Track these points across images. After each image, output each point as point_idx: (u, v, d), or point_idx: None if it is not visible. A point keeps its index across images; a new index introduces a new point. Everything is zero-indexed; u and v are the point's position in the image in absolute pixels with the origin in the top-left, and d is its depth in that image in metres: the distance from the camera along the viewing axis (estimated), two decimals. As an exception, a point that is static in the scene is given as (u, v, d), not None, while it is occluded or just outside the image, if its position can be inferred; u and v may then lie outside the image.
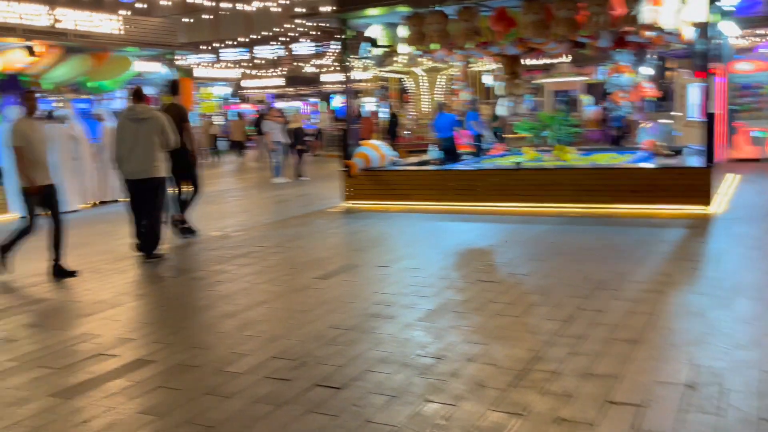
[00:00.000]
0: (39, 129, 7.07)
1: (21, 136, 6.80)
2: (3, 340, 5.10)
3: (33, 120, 7.05)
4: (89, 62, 13.22)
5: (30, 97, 7.12)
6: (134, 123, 7.60)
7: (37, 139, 6.92)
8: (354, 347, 4.59)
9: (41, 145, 6.98)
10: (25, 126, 6.89)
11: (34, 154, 6.88)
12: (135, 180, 7.63)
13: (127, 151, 7.57)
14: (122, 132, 7.67)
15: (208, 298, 6.14)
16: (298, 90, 38.75)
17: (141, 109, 7.70)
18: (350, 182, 11.33)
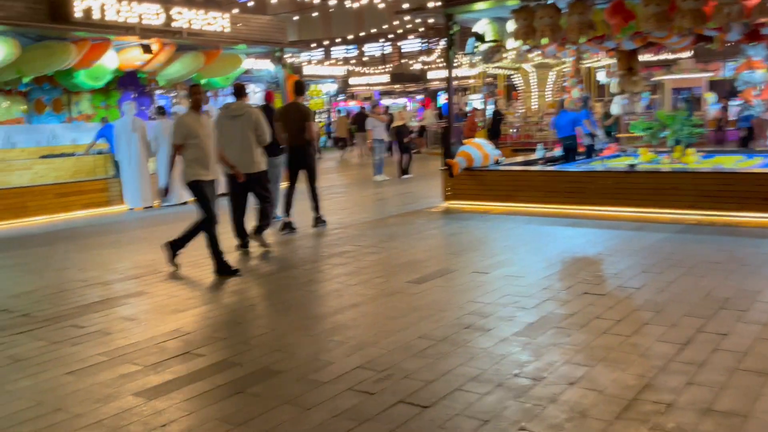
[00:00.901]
0: (205, 123, 6.94)
1: (185, 132, 6.71)
2: (99, 332, 5.17)
3: (198, 114, 6.90)
4: (201, 60, 13.60)
5: (196, 91, 6.98)
6: (230, 120, 7.77)
7: (203, 133, 6.81)
8: (444, 361, 4.29)
9: (207, 140, 6.85)
10: (191, 120, 6.78)
11: (201, 148, 6.76)
12: (233, 175, 7.78)
13: (223, 147, 7.69)
14: (220, 128, 7.79)
15: (299, 298, 6.02)
16: (405, 87, 38.68)
17: (236, 106, 7.84)
18: (451, 182, 11.01)
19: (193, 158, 6.77)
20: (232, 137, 7.70)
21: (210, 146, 6.88)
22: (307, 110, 9.31)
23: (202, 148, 6.78)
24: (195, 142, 6.73)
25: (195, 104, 6.91)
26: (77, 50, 11.24)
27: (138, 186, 11.95)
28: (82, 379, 4.24)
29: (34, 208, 10.95)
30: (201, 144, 6.76)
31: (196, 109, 6.91)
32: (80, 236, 9.59)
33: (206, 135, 6.85)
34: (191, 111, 6.91)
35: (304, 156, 9.09)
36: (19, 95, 13.05)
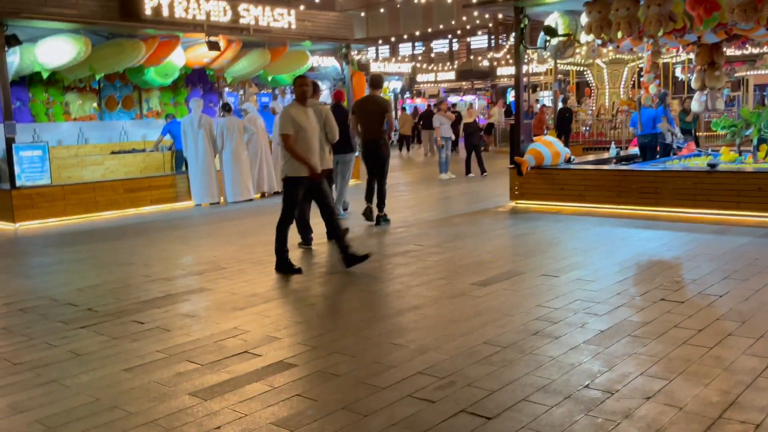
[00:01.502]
0: (311, 116, 6.74)
1: (291, 124, 6.49)
2: (159, 329, 5.14)
3: (304, 106, 6.69)
4: (267, 57, 13.66)
5: (302, 82, 6.69)
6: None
7: (308, 126, 6.59)
8: (510, 369, 4.04)
9: (313, 132, 6.64)
10: (297, 112, 6.57)
11: (306, 141, 6.54)
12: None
13: None
14: None
15: (360, 298, 5.87)
16: (473, 84, 38.20)
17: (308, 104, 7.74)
18: (519, 180, 10.66)
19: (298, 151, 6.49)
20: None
21: (315, 141, 6.64)
22: (386, 102, 9.32)
23: (306, 141, 6.51)
24: (300, 136, 6.47)
25: (301, 96, 6.64)
26: (146, 48, 11.44)
27: (204, 182, 12.08)
28: (139, 377, 4.19)
29: (105, 202, 11.20)
30: (306, 137, 6.49)
31: (302, 101, 6.65)
32: (147, 231, 9.74)
33: (311, 128, 6.61)
34: (297, 103, 6.65)
35: (379, 150, 9.09)
36: (92, 92, 13.42)
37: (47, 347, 4.80)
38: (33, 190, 10.43)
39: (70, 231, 9.95)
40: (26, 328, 5.26)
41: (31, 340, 4.98)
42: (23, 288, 6.63)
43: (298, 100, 6.67)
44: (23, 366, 4.44)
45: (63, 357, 4.59)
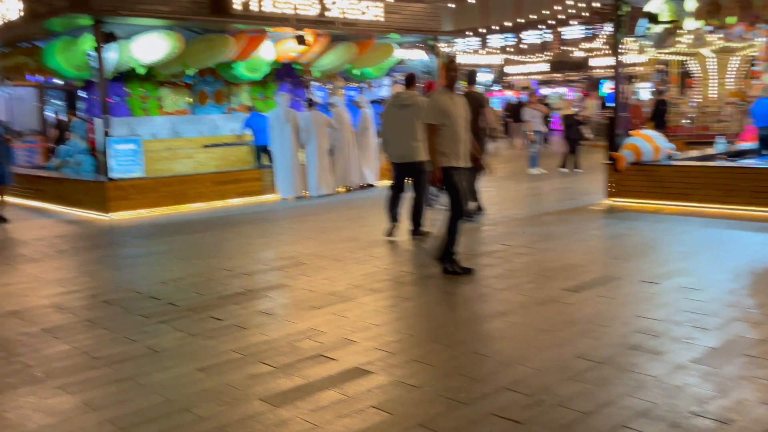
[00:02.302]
0: (459, 103, 6.22)
1: (438, 112, 6.04)
2: (236, 326, 5.03)
3: (453, 93, 6.22)
4: (354, 50, 13.53)
5: (451, 67, 6.24)
6: (398, 109, 7.85)
7: (457, 114, 6.10)
8: (606, 389, 3.65)
9: (461, 122, 6.15)
10: (445, 99, 6.09)
11: (453, 131, 6.07)
12: (398, 163, 7.95)
13: (390, 136, 7.93)
14: (387, 117, 7.98)
15: (442, 302, 5.58)
16: (566, 76, 36.92)
17: (406, 95, 7.89)
18: (616, 177, 10.02)
19: (444, 142, 6.03)
20: (399, 126, 7.78)
21: (463, 129, 6.14)
22: (482, 97, 9.26)
23: (454, 130, 6.05)
24: (448, 123, 6.01)
25: (449, 82, 6.16)
26: (236, 43, 11.53)
27: (290, 176, 12.09)
28: (212, 377, 4.07)
29: (194, 195, 11.38)
30: (454, 126, 6.04)
31: (451, 87, 6.18)
32: (232, 224, 9.79)
33: (460, 116, 6.11)
34: (445, 89, 6.18)
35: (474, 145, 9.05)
36: (185, 87, 13.69)
37: (126, 342, 4.78)
38: (126, 182, 10.72)
39: (159, 222, 10.15)
40: (108, 321, 5.28)
41: (112, 333, 4.98)
42: (110, 279, 6.73)
43: (448, 87, 6.18)
44: (101, 361, 4.42)
45: (140, 353, 4.55)
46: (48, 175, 12.57)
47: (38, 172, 13.25)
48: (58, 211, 11.66)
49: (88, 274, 7.12)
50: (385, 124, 8.02)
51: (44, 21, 10.45)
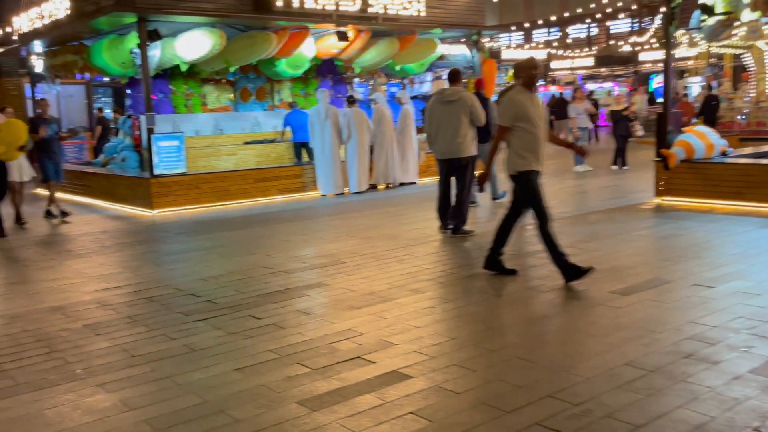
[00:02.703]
0: (539, 104, 5.84)
1: (515, 113, 5.66)
2: (274, 326, 4.98)
3: (532, 93, 5.81)
4: (396, 46, 13.39)
5: (531, 65, 5.83)
6: (443, 105, 7.78)
7: (536, 115, 5.72)
8: (658, 400, 3.46)
9: (541, 122, 5.78)
10: (524, 99, 5.70)
11: (533, 134, 5.69)
12: (444, 159, 7.89)
13: (434, 132, 7.87)
14: (431, 113, 7.91)
15: (484, 303, 5.42)
16: (612, 70, 36.10)
17: (450, 91, 7.82)
18: (666, 175, 9.69)
19: (523, 144, 5.67)
20: (445, 122, 7.72)
21: (543, 131, 5.79)
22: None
23: (534, 133, 5.68)
24: (526, 126, 5.66)
25: (528, 81, 5.76)
26: (278, 39, 11.52)
27: (330, 173, 12.04)
28: (248, 378, 4.01)
29: (236, 192, 11.43)
30: (533, 128, 5.68)
31: (530, 86, 5.76)
32: (273, 221, 9.79)
33: (540, 117, 5.75)
34: (522, 88, 5.75)
35: None
36: (228, 84, 13.78)
37: (165, 340, 4.76)
38: (170, 179, 10.82)
39: (201, 219, 10.21)
40: (148, 319, 5.28)
41: (152, 331, 4.98)
42: (152, 276, 6.76)
43: (526, 86, 5.76)
44: (140, 359, 4.41)
45: (179, 351, 4.52)
46: (95, 172, 12.79)
47: (86, 169, 13.50)
48: (104, 207, 11.84)
49: (130, 270, 7.17)
50: (429, 121, 7.98)
51: (91, 19, 10.59)
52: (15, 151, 9.20)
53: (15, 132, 9.13)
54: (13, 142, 9.08)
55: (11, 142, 9.04)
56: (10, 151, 9.13)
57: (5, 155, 9.13)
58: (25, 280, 6.80)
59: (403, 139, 13.01)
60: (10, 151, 9.12)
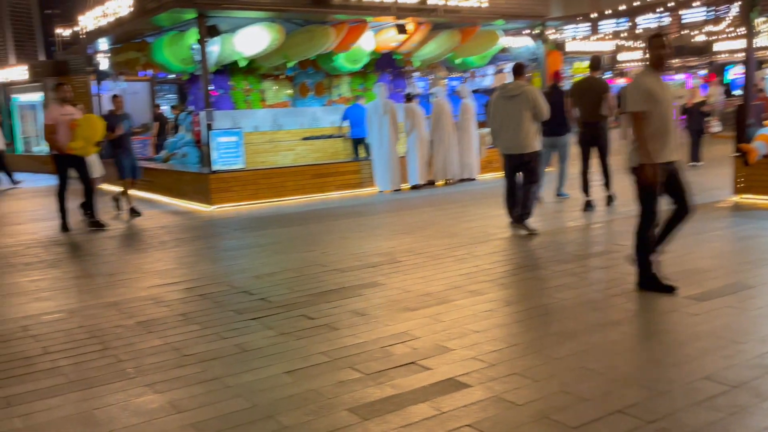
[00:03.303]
0: (667, 87, 5.26)
1: (646, 97, 5.04)
2: (327, 327, 4.82)
3: (659, 75, 5.21)
4: (457, 38, 13.10)
5: (658, 44, 5.15)
6: (505, 100, 7.65)
7: (666, 99, 5.12)
8: (743, 419, 3.14)
9: (671, 107, 5.19)
10: (652, 82, 5.10)
11: (663, 120, 5.08)
12: (508, 155, 7.76)
13: (498, 127, 7.76)
14: (494, 109, 7.79)
15: (548, 307, 5.12)
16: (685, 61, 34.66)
17: (513, 86, 7.68)
18: (745, 171, 9.10)
19: (652, 132, 5.05)
20: (508, 118, 7.59)
21: (671, 118, 5.15)
22: (604, 84, 9.21)
23: (664, 118, 5.08)
24: (656, 110, 5.04)
25: (656, 61, 5.15)
26: (336, 34, 11.41)
27: (388, 169, 11.87)
28: (299, 382, 3.86)
29: (293, 187, 11.39)
30: (663, 113, 5.07)
31: (658, 67, 5.17)
32: (329, 217, 9.67)
33: (669, 101, 5.15)
34: (650, 69, 5.19)
35: (597, 132, 9.03)
36: (287, 80, 13.76)
37: (217, 339, 4.67)
38: (228, 174, 10.85)
39: (258, 215, 10.19)
40: (201, 316, 5.21)
41: (204, 329, 4.90)
42: (207, 272, 6.72)
43: (654, 66, 5.17)
44: (191, 359, 4.32)
45: (230, 351, 4.41)
46: (156, 167, 12.98)
47: (148, 164, 13.72)
48: (165, 202, 12.00)
49: (186, 265, 7.16)
50: (493, 116, 7.85)
51: (152, 16, 10.71)
52: (92, 146, 9.20)
53: (92, 127, 9.09)
54: (90, 138, 9.07)
55: (88, 137, 9.04)
56: (87, 147, 9.12)
57: (82, 150, 9.14)
58: (86, 275, 6.86)
59: (463, 134, 12.73)
60: (88, 146, 9.11)
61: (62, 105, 9.26)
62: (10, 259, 7.71)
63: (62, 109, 9.22)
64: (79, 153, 9.16)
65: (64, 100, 9.31)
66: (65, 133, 9.08)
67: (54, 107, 9.30)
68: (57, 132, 9.05)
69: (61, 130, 9.07)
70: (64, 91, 9.37)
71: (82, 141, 9.00)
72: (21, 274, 6.96)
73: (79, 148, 9.06)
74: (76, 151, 9.07)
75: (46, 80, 19.56)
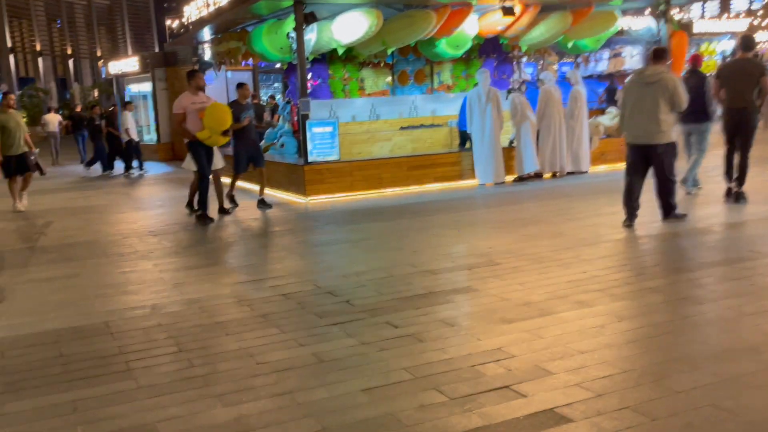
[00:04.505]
0: None
1: None
2: (412, 337, 4.38)
3: None
4: (568, 20, 12.20)
5: None
6: (641, 87, 7.21)
7: None
8: None
9: None
10: None
11: None
12: (636, 145, 7.27)
13: (628, 115, 7.35)
14: (626, 95, 7.43)
15: (667, 324, 4.43)
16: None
17: (650, 72, 7.22)
18: None
19: None
20: (640, 105, 7.15)
21: None
22: (760, 66, 8.37)
23: None
24: None
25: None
26: (438, 18, 10.85)
27: (490, 160, 11.25)
28: (376, 403, 3.45)
29: (389, 179, 11.01)
30: None
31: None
32: (424, 212, 9.21)
33: None
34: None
35: (742, 119, 8.24)
36: (386, 68, 13.38)
37: (294, 346, 4.34)
38: (323, 166, 10.61)
39: (352, 208, 9.88)
40: (282, 319, 4.91)
41: (283, 334, 4.59)
42: (293, 269, 6.45)
43: None
44: (265, 367, 4.01)
45: (306, 361, 4.07)
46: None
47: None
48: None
49: (274, 261, 6.94)
50: (624, 102, 7.43)
51: (251, 4, 10.60)
52: (218, 136, 8.78)
53: (220, 116, 8.69)
54: (217, 127, 8.66)
55: (214, 127, 8.63)
56: (215, 136, 8.73)
57: (210, 140, 8.77)
58: (174, 268, 6.74)
59: (574, 123, 11.90)
60: (215, 136, 8.72)
61: (195, 93, 8.93)
62: (106, 248, 7.77)
63: (194, 97, 8.87)
64: (207, 143, 8.83)
65: (199, 88, 8.99)
66: (194, 122, 8.73)
67: (185, 95, 8.94)
68: (186, 121, 8.77)
69: (191, 118, 8.74)
70: (199, 79, 9.05)
71: (208, 131, 8.67)
72: (114, 265, 6.97)
73: (206, 139, 8.73)
74: (204, 141, 8.75)
75: (155, 71, 20.24)
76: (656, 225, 7.39)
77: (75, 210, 11.10)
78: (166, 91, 20.17)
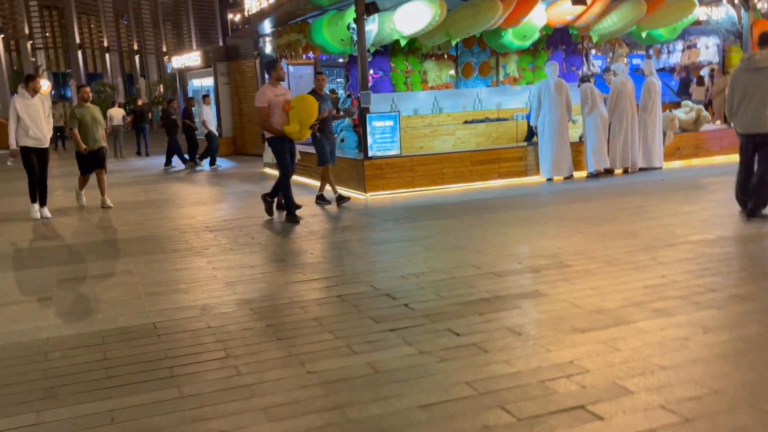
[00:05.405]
0: None
1: None
2: (475, 346, 4.03)
3: None
4: (642, 9, 11.53)
5: None
6: (750, 72, 6.98)
7: None
8: None
9: None
10: None
11: None
12: (747, 134, 7.06)
13: (737, 103, 7.13)
14: (734, 81, 7.21)
15: (758, 339, 3.96)
16: None
17: (760, 57, 6.96)
18: None
19: None
20: (751, 92, 6.93)
21: None
22: None
23: None
24: None
25: None
26: (504, 7, 10.40)
27: (558, 155, 10.74)
28: (434, 423, 3.14)
29: (451, 175, 10.64)
30: None
31: None
32: (488, 209, 8.82)
33: None
34: None
35: None
36: (450, 60, 12.99)
37: (347, 353, 4.07)
38: (383, 161, 10.33)
39: (413, 204, 9.56)
40: (336, 322, 4.65)
41: (336, 339, 4.32)
42: (351, 268, 6.19)
43: None
44: (315, 377, 3.75)
45: (359, 372, 3.78)
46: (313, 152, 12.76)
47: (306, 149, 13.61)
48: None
49: (330, 260, 6.71)
50: (733, 90, 7.20)
51: (311, -4, 10.42)
52: (306, 129, 8.40)
53: (310, 108, 8.28)
54: (307, 120, 8.26)
55: (305, 120, 8.24)
56: (303, 130, 8.35)
57: (297, 134, 8.37)
58: (228, 266, 6.57)
59: (647, 116, 11.26)
60: (303, 129, 8.34)
61: (276, 85, 8.52)
62: (163, 244, 7.70)
63: (276, 89, 8.44)
64: (294, 137, 8.46)
65: (279, 79, 8.59)
66: (280, 116, 8.33)
67: (267, 88, 8.49)
68: (271, 114, 8.36)
69: (276, 112, 8.32)
70: (279, 69, 8.67)
71: (298, 124, 8.26)
72: (169, 261, 6.86)
73: (295, 132, 8.33)
74: (292, 135, 8.38)
75: (217, 65, 20.35)
76: (740, 225, 6.81)
77: (137, 204, 11.15)
78: (228, 86, 20.26)
